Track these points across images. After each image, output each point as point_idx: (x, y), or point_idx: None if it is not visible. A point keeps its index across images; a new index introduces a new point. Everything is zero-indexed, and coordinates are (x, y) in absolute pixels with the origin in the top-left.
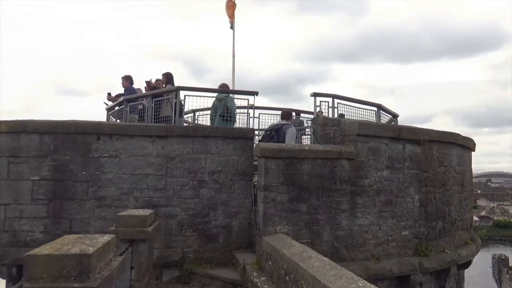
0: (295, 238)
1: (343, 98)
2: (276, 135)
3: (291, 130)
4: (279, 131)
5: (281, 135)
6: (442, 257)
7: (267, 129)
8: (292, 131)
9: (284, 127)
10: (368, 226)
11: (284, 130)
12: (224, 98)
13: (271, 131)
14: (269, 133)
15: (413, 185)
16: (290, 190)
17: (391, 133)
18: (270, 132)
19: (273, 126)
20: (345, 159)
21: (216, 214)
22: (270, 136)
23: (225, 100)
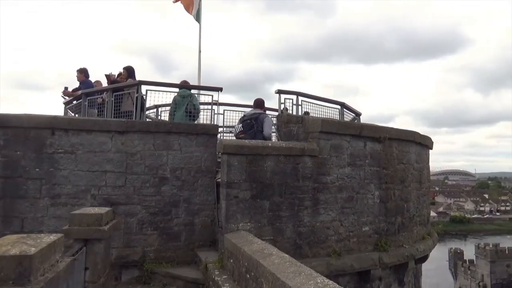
0: (258, 235)
1: (307, 95)
2: (256, 124)
3: (268, 119)
4: (257, 120)
5: (259, 123)
6: (401, 252)
7: (245, 118)
8: (269, 120)
9: (261, 116)
10: (330, 223)
11: (262, 119)
12: (189, 95)
13: (251, 120)
14: (249, 122)
15: (374, 182)
16: (253, 187)
17: (353, 131)
18: (250, 121)
19: (250, 115)
20: (308, 156)
21: (178, 212)
22: (251, 125)
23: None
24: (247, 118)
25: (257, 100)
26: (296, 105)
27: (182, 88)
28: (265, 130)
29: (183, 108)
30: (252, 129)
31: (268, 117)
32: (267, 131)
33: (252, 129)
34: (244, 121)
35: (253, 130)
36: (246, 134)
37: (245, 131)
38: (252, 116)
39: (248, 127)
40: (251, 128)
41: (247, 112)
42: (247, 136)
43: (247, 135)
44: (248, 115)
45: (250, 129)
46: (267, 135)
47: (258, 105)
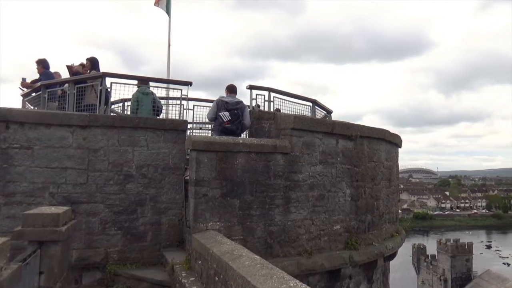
0: (228, 235)
1: (279, 92)
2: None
3: (247, 109)
4: (242, 110)
5: (241, 113)
6: (371, 250)
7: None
8: (248, 110)
9: (242, 106)
10: (301, 221)
11: (243, 109)
12: (151, 92)
13: (237, 109)
14: (237, 112)
15: (345, 180)
16: (223, 185)
17: (325, 128)
18: (237, 111)
19: (235, 105)
20: (279, 153)
21: (144, 211)
22: (237, 115)
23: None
24: (233, 107)
25: (231, 86)
26: (268, 101)
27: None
28: (246, 120)
29: (149, 106)
30: (238, 119)
31: (247, 108)
32: (248, 120)
33: (238, 119)
34: (231, 110)
35: (239, 120)
36: (232, 124)
37: (232, 121)
38: (237, 105)
39: (235, 117)
40: (237, 119)
41: (228, 99)
42: (233, 127)
43: (233, 126)
44: (232, 103)
45: (237, 119)
46: (248, 124)
47: (234, 91)
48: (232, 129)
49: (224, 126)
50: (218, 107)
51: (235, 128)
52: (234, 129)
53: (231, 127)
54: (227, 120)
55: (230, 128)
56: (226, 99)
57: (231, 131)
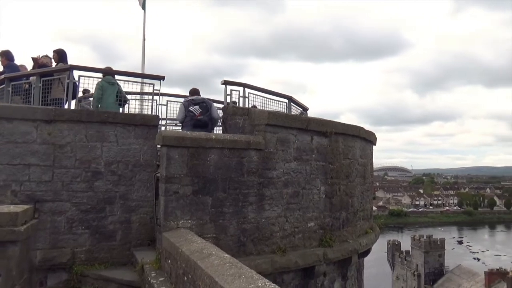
0: (199, 233)
1: (254, 88)
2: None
3: (214, 105)
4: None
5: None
6: (345, 247)
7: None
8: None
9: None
10: (275, 219)
11: (210, 104)
12: (117, 83)
13: (205, 103)
14: (205, 105)
15: (320, 177)
16: (195, 182)
17: (299, 124)
18: (205, 104)
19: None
20: (253, 150)
21: (113, 209)
22: (206, 108)
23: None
24: (200, 101)
25: (194, 90)
26: (243, 97)
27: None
28: (215, 114)
29: (113, 96)
30: (208, 112)
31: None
32: (216, 115)
33: (208, 112)
34: (198, 103)
35: (209, 113)
36: (204, 115)
37: (203, 113)
38: (203, 100)
39: (205, 110)
40: (207, 111)
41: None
42: (205, 118)
43: (205, 117)
44: (198, 99)
45: (207, 111)
46: (217, 118)
47: (196, 92)
48: (204, 120)
49: (196, 119)
50: (186, 106)
51: (207, 119)
52: (207, 120)
53: (203, 118)
54: (199, 113)
55: (202, 119)
56: (191, 97)
57: (204, 122)
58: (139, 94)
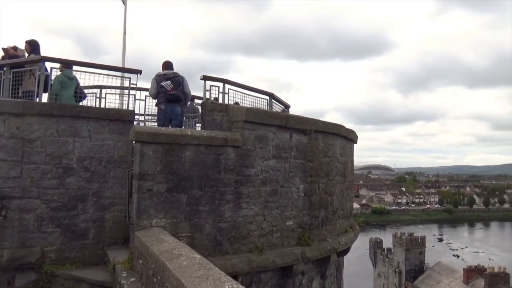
0: (174, 232)
1: (235, 84)
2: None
3: (186, 80)
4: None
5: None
6: (324, 246)
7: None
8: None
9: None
10: (253, 217)
11: (183, 78)
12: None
13: (177, 77)
14: (177, 80)
15: (299, 175)
16: (169, 179)
17: (279, 121)
18: (177, 79)
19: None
20: (231, 147)
21: (85, 207)
22: (178, 82)
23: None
24: (172, 76)
25: (168, 62)
26: (222, 93)
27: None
28: (187, 88)
29: (71, 90)
30: (180, 87)
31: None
32: (188, 90)
33: (180, 87)
34: (170, 78)
35: (181, 87)
36: (177, 91)
37: (175, 88)
38: (175, 74)
39: (177, 84)
40: (179, 86)
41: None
42: (178, 92)
43: (177, 91)
44: (170, 74)
45: (179, 86)
46: (189, 93)
47: (169, 67)
48: (177, 94)
49: (169, 93)
50: (158, 82)
51: (181, 94)
52: (180, 94)
53: (176, 93)
54: (171, 88)
55: (175, 94)
56: (162, 72)
57: (176, 96)
58: (110, 88)
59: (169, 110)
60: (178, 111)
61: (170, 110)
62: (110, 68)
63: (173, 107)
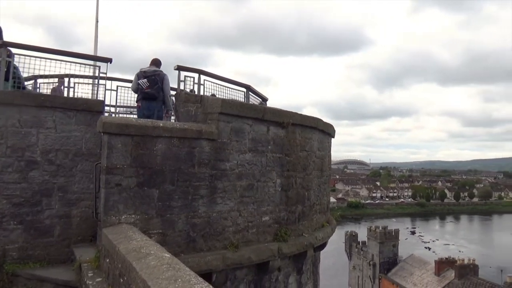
0: (144, 229)
1: (211, 75)
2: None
3: (167, 78)
4: (159, 77)
5: (160, 81)
6: (300, 241)
7: (147, 73)
8: (168, 78)
9: (161, 74)
10: (228, 213)
11: (162, 77)
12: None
13: (154, 76)
14: (154, 78)
15: (276, 169)
16: (140, 173)
17: (255, 114)
18: (154, 77)
19: (152, 72)
20: (205, 140)
21: (50, 202)
22: (155, 81)
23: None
24: (150, 74)
25: (155, 59)
26: (198, 84)
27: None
28: (166, 87)
29: None
30: (157, 85)
31: (167, 76)
32: (168, 88)
33: (157, 85)
34: (148, 76)
35: (158, 86)
36: (152, 89)
37: (151, 86)
38: (154, 72)
39: (153, 82)
40: (155, 84)
41: (146, 69)
42: (153, 91)
43: (153, 90)
44: (150, 71)
45: (155, 84)
46: (167, 92)
47: (155, 63)
48: (152, 93)
49: (144, 91)
50: (139, 78)
51: (155, 92)
52: (155, 93)
53: (151, 91)
54: (146, 86)
55: (150, 92)
56: (144, 69)
57: (151, 95)
58: (81, 77)
59: (145, 107)
60: (154, 108)
61: (147, 107)
62: (77, 55)
63: (149, 104)
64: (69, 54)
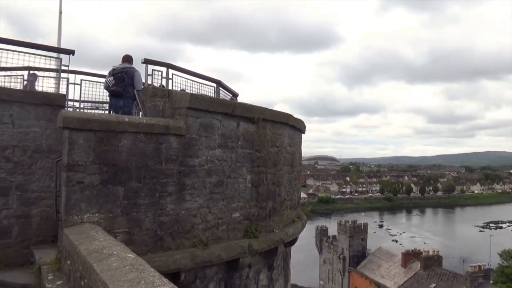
0: (109, 228)
1: (179, 69)
2: (126, 77)
3: (138, 74)
4: (128, 74)
5: (129, 77)
6: (271, 237)
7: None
8: (139, 75)
9: (131, 70)
10: (197, 210)
11: (132, 73)
12: None
13: (121, 73)
14: (120, 76)
15: (246, 165)
16: (104, 170)
17: (225, 109)
18: (121, 75)
19: (120, 69)
20: (173, 135)
21: (8, 202)
22: (122, 78)
23: None
24: (118, 71)
25: (126, 56)
26: (166, 78)
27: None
28: (137, 84)
29: None
30: (123, 82)
31: (138, 72)
32: (139, 85)
33: (123, 82)
34: (115, 74)
35: (124, 83)
36: (118, 86)
37: (117, 83)
38: (122, 70)
39: (119, 80)
40: (122, 81)
41: (116, 66)
42: (119, 89)
43: (119, 87)
44: (118, 69)
45: (121, 82)
46: (139, 88)
47: (126, 60)
48: (118, 90)
49: (110, 89)
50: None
51: (122, 90)
52: (121, 90)
53: (116, 89)
54: (112, 84)
55: (116, 90)
56: (115, 66)
57: (117, 92)
58: (42, 70)
59: (113, 104)
60: (121, 105)
61: (114, 104)
62: (38, 47)
63: (117, 101)
64: (30, 45)
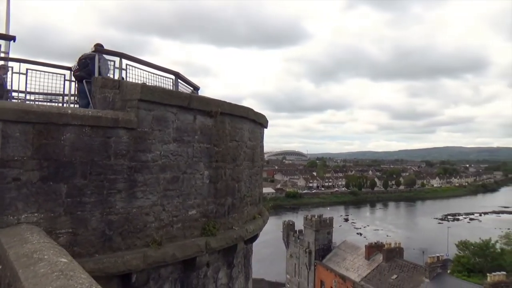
0: (50, 229)
1: (134, 59)
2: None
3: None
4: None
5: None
6: (230, 235)
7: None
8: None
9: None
10: (150, 208)
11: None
12: None
13: (86, 59)
14: (85, 61)
15: (203, 161)
16: (44, 166)
17: (180, 102)
18: (85, 60)
19: (87, 55)
20: (123, 129)
21: None
22: (86, 63)
23: None
24: (83, 57)
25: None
26: (119, 69)
27: None
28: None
29: None
30: (87, 67)
31: (104, 57)
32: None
33: (87, 67)
34: (80, 60)
35: (88, 68)
36: (81, 72)
37: (80, 69)
38: (88, 56)
39: (82, 65)
40: (86, 66)
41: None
42: (82, 73)
43: (82, 72)
44: (84, 56)
45: (85, 67)
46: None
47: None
48: (81, 75)
49: (75, 75)
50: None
51: (85, 74)
52: (84, 75)
53: (79, 73)
54: (76, 69)
55: (79, 75)
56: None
57: (80, 77)
58: None
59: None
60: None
61: (80, 90)
62: None
63: (81, 87)
64: None
